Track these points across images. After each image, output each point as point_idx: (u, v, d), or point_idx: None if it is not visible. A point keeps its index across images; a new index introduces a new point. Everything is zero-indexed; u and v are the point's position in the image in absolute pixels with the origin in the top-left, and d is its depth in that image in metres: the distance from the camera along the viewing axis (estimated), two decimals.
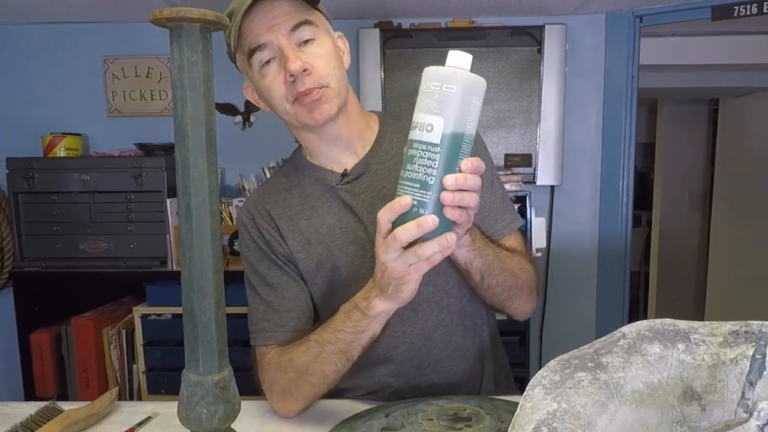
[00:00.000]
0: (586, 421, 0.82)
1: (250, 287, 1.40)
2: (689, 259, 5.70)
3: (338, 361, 1.20)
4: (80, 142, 3.13)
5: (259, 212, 1.39)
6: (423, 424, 1.03)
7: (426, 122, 0.96)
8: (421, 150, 0.97)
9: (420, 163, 0.98)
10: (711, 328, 0.95)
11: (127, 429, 1.19)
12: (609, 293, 3.39)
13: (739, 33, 3.53)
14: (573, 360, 0.94)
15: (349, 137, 1.36)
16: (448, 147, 0.96)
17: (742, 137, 4.70)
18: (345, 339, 1.18)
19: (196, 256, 0.98)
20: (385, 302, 1.11)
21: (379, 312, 1.13)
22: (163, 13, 0.89)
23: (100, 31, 3.21)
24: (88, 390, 2.92)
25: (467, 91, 0.97)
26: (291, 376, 1.25)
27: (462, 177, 0.97)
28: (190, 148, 0.95)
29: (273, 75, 1.23)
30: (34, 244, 2.94)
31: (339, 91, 1.26)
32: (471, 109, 0.97)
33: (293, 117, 1.27)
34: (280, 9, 1.20)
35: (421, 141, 0.97)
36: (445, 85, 0.95)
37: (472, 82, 0.97)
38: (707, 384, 0.89)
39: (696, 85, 4.17)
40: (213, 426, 1.02)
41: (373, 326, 1.16)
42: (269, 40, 1.20)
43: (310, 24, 1.23)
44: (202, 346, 1.01)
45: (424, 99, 0.97)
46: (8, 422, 1.13)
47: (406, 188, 1.00)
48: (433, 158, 0.96)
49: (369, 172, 1.36)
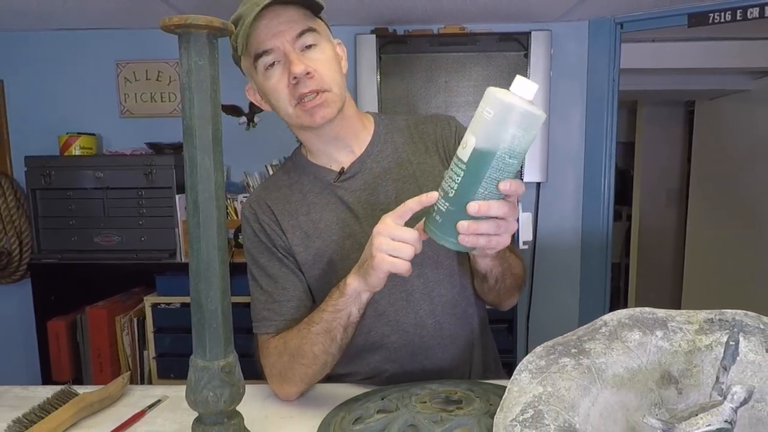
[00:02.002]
0: (569, 403, 0.82)
1: (252, 278, 1.40)
2: (667, 252, 5.72)
3: (324, 341, 1.20)
4: (94, 141, 3.12)
5: (261, 207, 1.39)
6: (417, 406, 1.03)
7: (465, 139, 0.96)
8: (454, 163, 0.98)
9: (450, 174, 0.98)
10: (687, 317, 0.95)
11: (138, 411, 1.18)
12: (591, 283, 3.39)
13: (713, 39, 3.53)
14: (557, 346, 0.94)
15: (346, 137, 1.36)
16: (474, 165, 0.95)
17: (717, 137, 4.70)
18: (327, 318, 1.19)
19: (203, 249, 0.98)
20: (357, 281, 1.14)
21: (353, 290, 1.15)
22: (173, 20, 0.88)
23: (113, 37, 3.20)
24: (102, 374, 2.92)
25: (504, 120, 0.92)
26: (286, 360, 1.26)
27: (485, 205, 0.96)
28: (198, 147, 0.94)
29: (277, 78, 1.23)
30: (51, 237, 2.94)
31: (340, 95, 1.27)
32: (505, 136, 0.92)
33: (294, 118, 1.27)
34: (285, 17, 1.20)
35: (456, 155, 0.97)
36: (486, 108, 0.93)
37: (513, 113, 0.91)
38: (684, 369, 0.89)
39: (673, 88, 4.17)
40: (219, 408, 1.02)
41: (349, 306, 1.17)
42: (275, 46, 1.21)
43: (313, 31, 1.23)
44: (209, 333, 1.00)
45: (474, 117, 0.96)
46: (26, 405, 1.13)
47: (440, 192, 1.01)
48: (458, 173, 0.96)
49: (364, 170, 1.37)
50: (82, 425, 1.15)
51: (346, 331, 1.20)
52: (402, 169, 1.37)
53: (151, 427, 1.15)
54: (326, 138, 1.34)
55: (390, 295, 1.35)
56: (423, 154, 1.41)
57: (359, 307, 1.18)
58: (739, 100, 4.33)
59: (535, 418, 0.79)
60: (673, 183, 5.67)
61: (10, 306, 3.38)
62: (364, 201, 1.35)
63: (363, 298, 1.17)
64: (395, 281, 1.33)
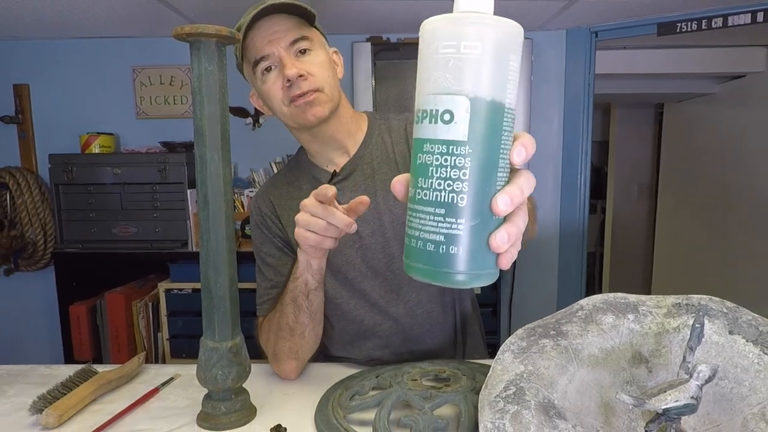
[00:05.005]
0: (548, 381, 0.82)
1: (257, 265, 1.40)
2: (638, 242, 5.73)
3: (293, 311, 1.20)
4: (112, 140, 3.11)
5: (265, 202, 1.39)
6: (408, 384, 1.03)
7: (441, 108, 0.54)
8: (438, 154, 0.55)
9: (440, 175, 0.55)
10: (657, 301, 0.96)
11: (152, 388, 1.18)
12: (569, 271, 3.40)
13: (681, 46, 3.53)
14: (537, 329, 0.94)
15: (341, 138, 1.34)
16: (483, 140, 0.54)
17: (684, 137, 4.71)
18: (290, 288, 1.19)
19: (212, 239, 0.98)
20: (301, 253, 1.14)
21: (302, 259, 1.15)
22: (184, 29, 0.88)
23: (130, 44, 3.19)
24: (119, 354, 2.92)
25: (499, 47, 0.54)
26: (272, 337, 1.26)
27: (517, 189, 0.57)
28: (208, 145, 0.94)
29: (272, 81, 1.23)
30: (73, 228, 2.93)
31: (332, 96, 1.25)
32: (508, 74, 0.55)
33: (290, 117, 1.26)
34: (280, 26, 1.20)
35: (435, 140, 0.55)
36: (464, 43, 0.53)
37: (503, 32, 0.54)
38: (653, 349, 0.89)
39: (644, 91, 4.17)
40: (227, 385, 1.02)
41: (304, 273, 1.16)
42: (270, 52, 1.20)
43: (306, 39, 1.23)
44: (218, 316, 1.00)
45: (432, 72, 0.55)
46: (50, 382, 1.13)
47: (422, 216, 0.57)
48: (460, 164, 0.54)
49: (356, 172, 1.35)
50: (102, 401, 1.15)
51: (308, 298, 1.19)
52: (390, 169, 1.34)
53: (164, 402, 1.14)
54: (321, 139, 1.32)
55: (381, 287, 1.35)
56: None
57: (312, 274, 1.16)
58: (705, 102, 4.34)
59: (517, 395, 0.79)
60: (643, 178, 5.67)
61: (36, 292, 3.38)
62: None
63: (314, 266, 1.15)
64: (386, 275, 1.34)
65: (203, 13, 2.67)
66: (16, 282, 3.36)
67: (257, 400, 1.11)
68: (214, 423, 1.02)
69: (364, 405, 1.00)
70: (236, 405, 1.04)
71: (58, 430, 1.03)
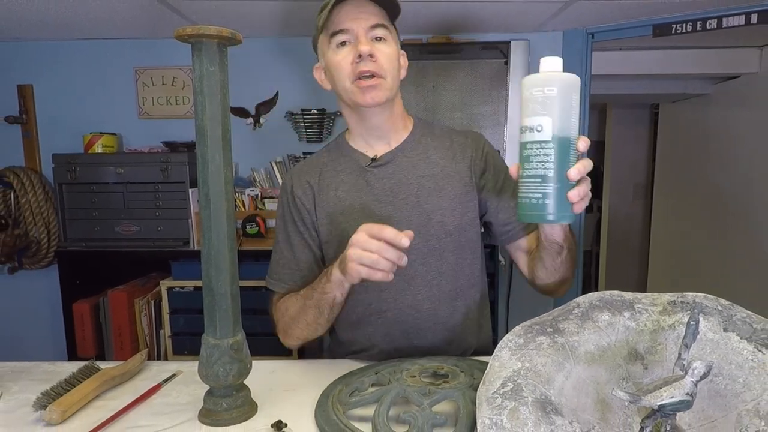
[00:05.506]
0: (545, 378, 0.82)
1: (276, 240, 1.47)
2: (634, 240, 5.73)
3: (314, 313, 1.29)
4: (115, 140, 3.10)
5: (300, 183, 1.44)
6: (407, 380, 1.03)
7: (535, 124, 0.95)
8: (535, 149, 0.96)
9: (537, 160, 0.96)
10: (652, 299, 0.96)
11: (155, 384, 1.18)
12: None
13: (676, 47, 3.53)
14: (535, 326, 0.94)
15: (386, 130, 1.41)
16: (560, 139, 0.95)
17: (679, 136, 4.71)
18: (316, 297, 1.27)
19: (213, 238, 0.98)
20: (338, 274, 1.19)
21: (336, 279, 1.20)
22: (186, 30, 0.88)
23: (132, 46, 3.18)
24: (122, 351, 2.92)
25: (566, 90, 0.95)
26: (287, 320, 1.37)
27: (582, 165, 0.96)
28: (209, 145, 0.94)
29: (344, 54, 1.29)
30: (76, 227, 2.93)
31: (392, 87, 1.32)
32: (572, 103, 0.96)
33: (350, 93, 1.31)
34: (366, 8, 1.28)
35: (533, 141, 0.96)
36: (546, 88, 0.94)
37: (567, 81, 0.96)
38: (649, 346, 0.89)
39: (639, 92, 4.16)
40: (228, 382, 1.02)
41: (334, 291, 1.23)
42: (351, 28, 1.27)
43: (385, 28, 1.31)
44: (219, 314, 1.01)
45: (529, 104, 0.96)
46: (54, 379, 1.13)
47: (528, 184, 0.97)
48: (549, 154, 0.95)
49: (395, 161, 1.40)
50: (105, 397, 1.15)
51: (332, 309, 1.28)
52: (427, 168, 1.40)
53: (166, 398, 1.14)
54: (369, 124, 1.38)
55: (394, 275, 1.35)
56: (450, 160, 1.42)
57: (342, 292, 1.24)
58: (699, 103, 4.33)
59: (515, 391, 0.79)
60: (639, 178, 5.67)
61: (39, 290, 3.37)
62: (388, 189, 1.38)
63: (345, 287, 1.22)
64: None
65: (204, 15, 2.66)
66: (20, 280, 3.35)
67: (258, 397, 1.11)
68: (216, 419, 1.02)
69: (364, 401, 1.00)
70: (237, 401, 1.04)
71: (61, 426, 1.03)
